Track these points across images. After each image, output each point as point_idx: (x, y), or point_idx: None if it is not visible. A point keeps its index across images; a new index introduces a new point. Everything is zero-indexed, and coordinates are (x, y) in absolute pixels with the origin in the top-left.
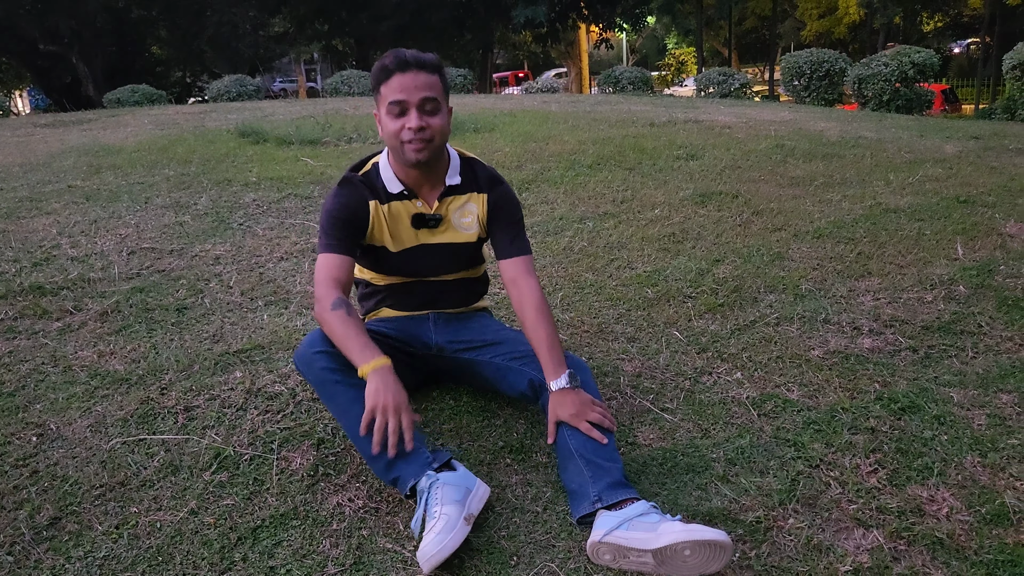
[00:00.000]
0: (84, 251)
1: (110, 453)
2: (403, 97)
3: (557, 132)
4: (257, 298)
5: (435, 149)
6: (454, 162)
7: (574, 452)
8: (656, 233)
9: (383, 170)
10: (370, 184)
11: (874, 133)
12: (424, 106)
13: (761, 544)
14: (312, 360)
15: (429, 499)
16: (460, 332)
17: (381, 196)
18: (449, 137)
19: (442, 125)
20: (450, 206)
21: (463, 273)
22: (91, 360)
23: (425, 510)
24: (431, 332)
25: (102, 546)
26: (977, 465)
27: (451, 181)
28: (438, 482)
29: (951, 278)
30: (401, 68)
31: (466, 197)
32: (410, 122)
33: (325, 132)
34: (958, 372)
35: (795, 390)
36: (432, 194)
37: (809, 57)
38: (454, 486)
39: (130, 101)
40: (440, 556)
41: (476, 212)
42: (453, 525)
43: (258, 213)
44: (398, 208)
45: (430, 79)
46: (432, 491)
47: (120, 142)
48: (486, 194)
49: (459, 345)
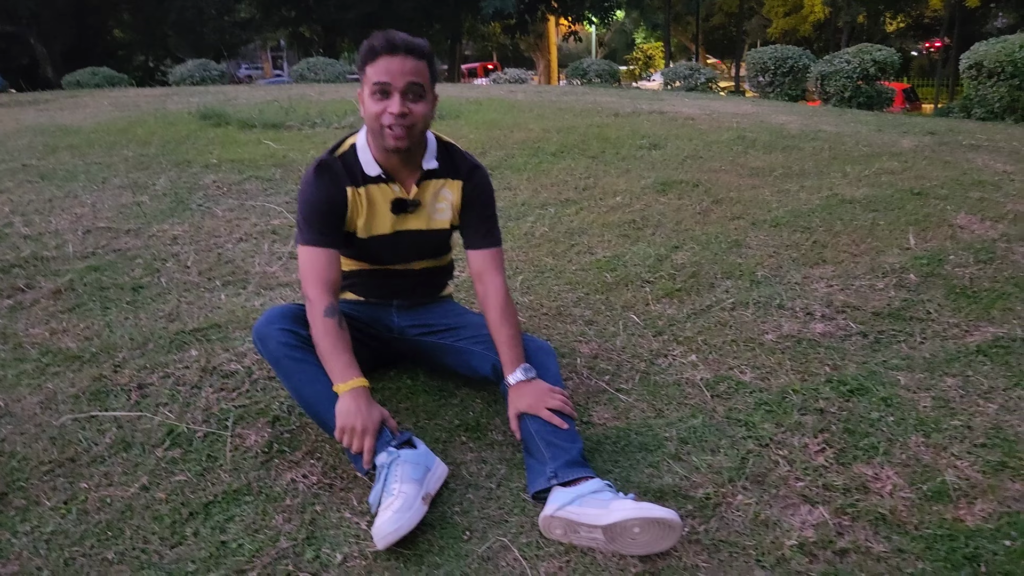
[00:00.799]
0: (37, 230)
1: (60, 430)
2: (387, 80)
3: (522, 120)
4: (215, 278)
5: (415, 137)
6: (431, 146)
7: (534, 434)
8: (617, 220)
9: (361, 152)
10: (347, 166)
11: (834, 127)
12: (408, 92)
13: (710, 519)
14: (269, 335)
15: (388, 475)
16: (422, 316)
17: (358, 179)
18: (430, 125)
19: (425, 112)
20: (427, 191)
21: (430, 262)
22: (43, 338)
23: (384, 486)
24: (394, 317)
25: (49, 521)
26: (921, 445)
27: (428, 165)
28: (399, 459)
29: (902, 267)
30: (389, 51)
31: (442, 182)
32: (392, 107)
33: (289, 116)
34: (906, 356)
35: (748, 372)
36: (410, 179)
37: (773, 53)
38: (414, 464)
39: (90, 84)
40: (396, 534)
41: (451, 199)
42: (411, 504)
43: (218, 194)
44: (375, 193)
45: (417, 65)
46: (392, 468)
47: (78, 123)
48: (462, 181)
49: (421, 329)
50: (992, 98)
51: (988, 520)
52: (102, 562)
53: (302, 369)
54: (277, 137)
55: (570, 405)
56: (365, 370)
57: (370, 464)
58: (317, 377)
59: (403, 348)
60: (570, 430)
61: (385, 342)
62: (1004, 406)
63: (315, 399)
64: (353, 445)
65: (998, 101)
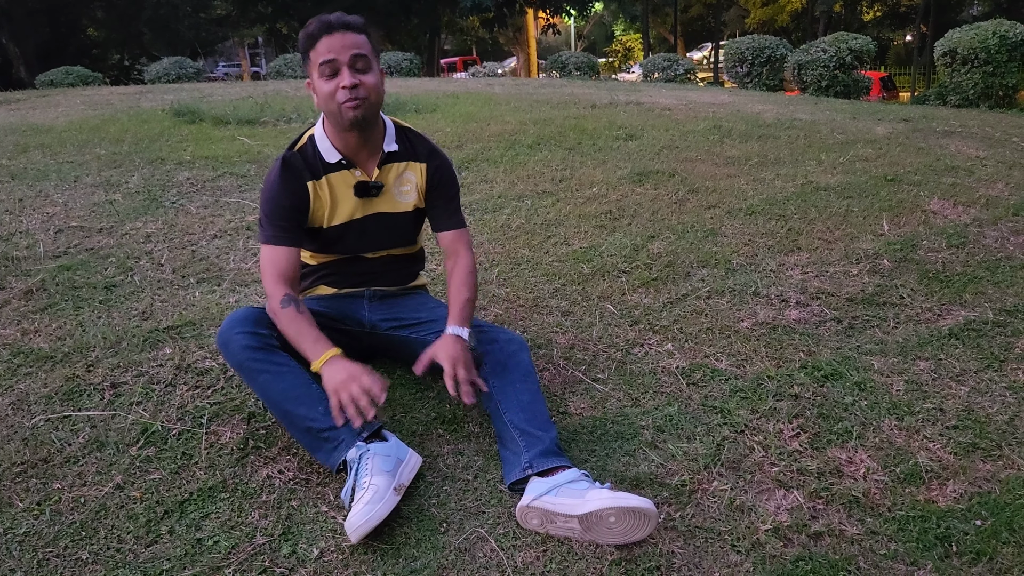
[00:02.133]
0: (8, 229)
1: (32, 430)
2: (333, 56)
3: (499, 113)
4: (189, 275)
5: (371, 107)
6: (390, 130)
7: (508, 424)
8: (593, 211)
9: (319, 140)
10: (306, 159)
11: (809, 115)
12: (355, 64)
13: (686, 506)
14: (231, 340)
15: (359, 469)
16: (394, 310)
17: (318, 170)
18: (383, 101)
19: (375, 83)
20: (389, 174)
21: (399, 249)
22: (14, 338)
23: (355, 481)
24: (365, 310)
25: (22, 522)
26: (894, 428)
27: (389, 148)
28: (368, 453)
29: (876, 252)
30: (327, 31)
31: (404, 165)
32: (343, 80)
33: (264, 112)
34: (879, 341)
35: (723, 360)
36: (370, 162)
37: (751, 43)
38: (384, 456)
39: (64, 83)
40: (367, 526)
41: (415, 181)
42: (382, 496)
43: (192, 191)
44: (336, 180)
45: (357, 38)
46: (362, 462)
47: (50, 122)
48: (425, 164)
49: (392, 323)
50: (966, 85)
51: (959, 501)
52: (76, 562)
53: (265, 369)
54: (252, 133)
55: (479, 385)
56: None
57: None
58: (281, 376)
59: (376, 343)
60: (543, 415)
61: (357, 337)
62: (976, 388)
63: (280, 397)
64: (353, 391)
65: (972, 88)
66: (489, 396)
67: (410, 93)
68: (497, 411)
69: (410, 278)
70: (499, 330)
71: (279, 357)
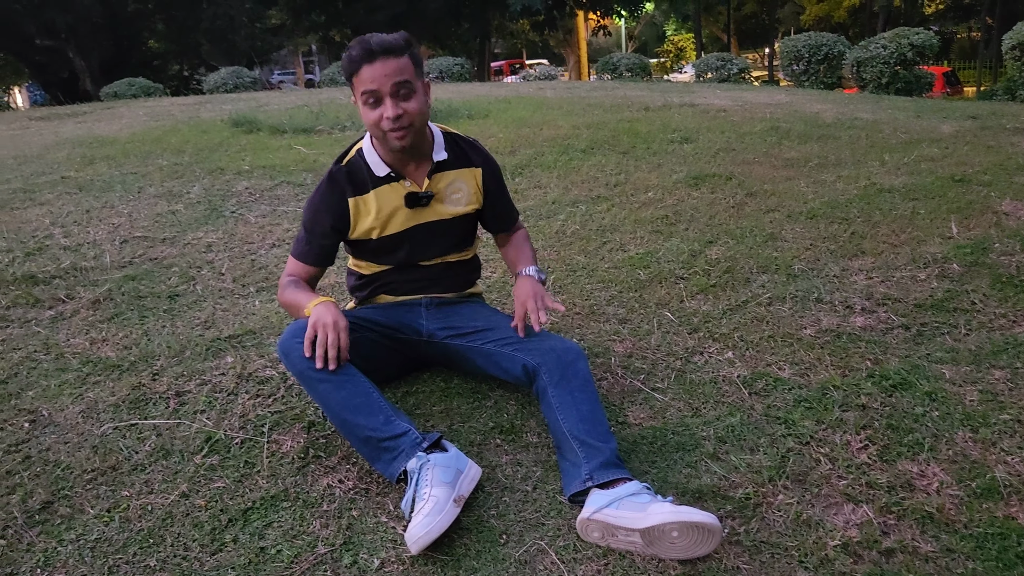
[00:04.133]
0: (77, 240)
1: (102, 438)
2: (375, 87)
3: (551, 117)
4: (249, 284)
5: (416, 133)
6: (438, 138)
7: (567, 434)
8: (649, 216)
9: (368, 154)
10: (353, 173)
11: (870, 114)
12: (398, 92)
13: (751, 520)
14: (291, 348)
15: (419, 480)
16: (451, 318)
17: (365, 184)
18: (429, 115)
19: (419, 107)
20: (440, 183)
21: (454, 255)
22: (83, 347)
23: (415, 491)
24: (423, 319)
25: (94, 529)
26: (968, 440)
27: (438, 157)
28: (428, 464)
29: (945, 256)
30: (368, 59)
31: (455, 173)
32: (387, 111)
33: (319, 120)
34: (950, 349)
35: (786, 368)
36: (420, 172)
37: (807, 41)
38: (444, 467)
39: (127, 94)
40: (428, 538)
41: (468, 187)
42: (442, 507)
43: (250, 201)
44: (386, 192)
45: (399, 63)
46: (422, 473)
47: (114, 134)
48: (480, 169)
49: (449, 332)
50: None
51: None
52: (145, 569)
53: (326, 378)
54: (307, 142)
55: (547, 310)
56: (396, 374)
57: (343, 359)
58: (341, 385)
59: (434, 352)
60: (602, 426)
61: (415, 346)
62: None
63: (340, 406)
64: (330, 336)
65: None
66: (548, 405)
67: (462, 99)
68: (556, 421)
69: (467, 285)
70: (556, 338)
71: (343, 368)
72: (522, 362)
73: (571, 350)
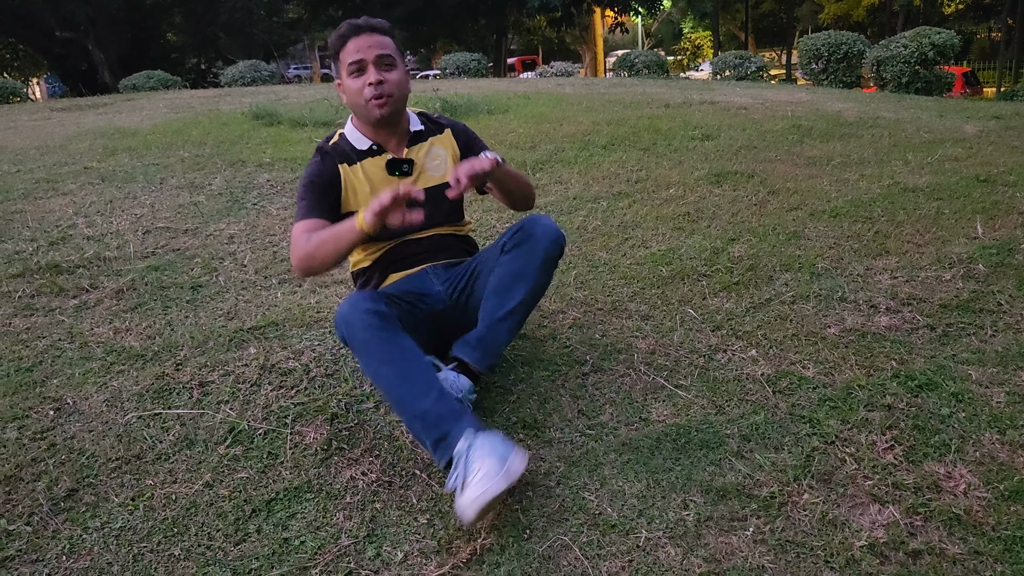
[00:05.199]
0: (100, 231)
1: (126, 427)
2: (360, 56)
3: (571, 113)
4: (271, 276)
5: (395, 103)
6: (413, 117)
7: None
8: (671, 212)
9: (349, 133)
10: (339, 150)
11: (893, 113)
12: (381, 63)
13: (776, 519)
14: (353, 319)
15: (469, 456)
16: (457, 272)
17: (351, 158)
18: (408, 94)
19: (399, 80)
20: (418, 152)
21: (447, 227)
22: (107, 336)
23: (465, 466)
24: (436, 284)
25: (118, 517)
26: (996, 442)
27: (414, 128)
28: (477, 441)
29: (970, 257)
30: (355, 32)
31: (429, 141)
32: (370, 77)
33: (338, 115)
34: (977, 350)
35: (811, 367)
36: (400, 146)
37: (827, 39)
38: (493, 445)
39: (145, 87)
40: (484, 498)
41: (445, 151)
42: (495, 474)
43: (272, 193)
44: (370, 165)
45: (383, 39)
46: (472, 448)
47: (135, 125)
48: (449, 128)
49: (461, 283)
50: None
51: None
52: (169, 558)
53: (386, 351)
54: (327, 135)
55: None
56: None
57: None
58: (399, 362)
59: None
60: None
61: (442, 315)
62: None
63: (396, 381)
64: (397, 193)
65: None
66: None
67: (481, 94)
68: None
69: (466, 256)
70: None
71: (402, 340)
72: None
73: (542, 225)
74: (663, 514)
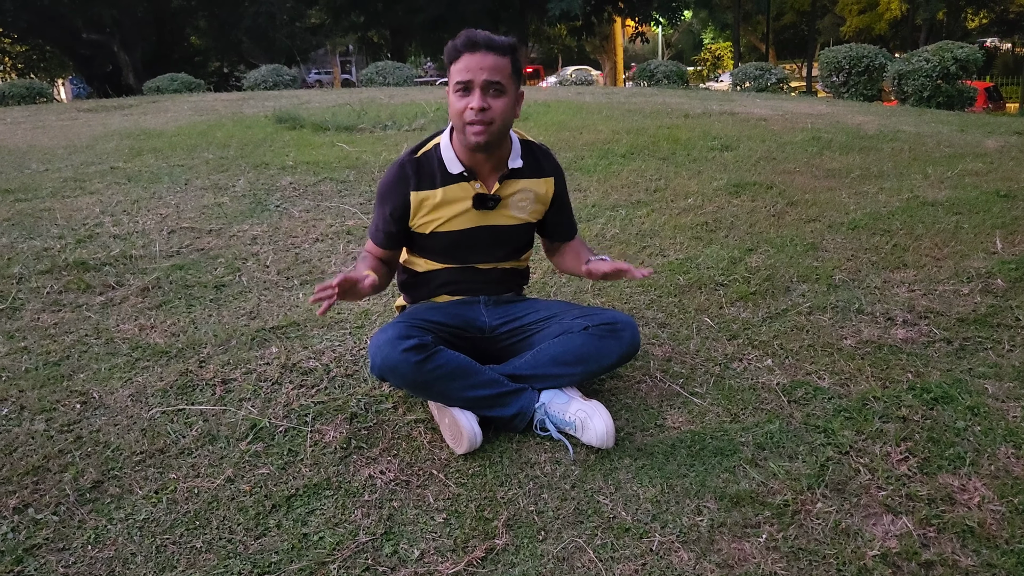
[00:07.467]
0: (126, 229)
1: (150, 422)
2: (468, 77)
3: (591, 122)
4: (293, 277)
5: (495, 134)
6: (516, 146)
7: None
8: (689, 222)
9: (444, 150)
10: (423, 167)
11: (913, 127)
12: (488, 88)
13: (789, 527)
14: (399, 364)
15: (550, 416)
16: (511, 310)
17: (435, 179)
18: (513, 124)
19: (504, 109)
20: (509, 189)
21: (510, 263)
22: (132, 333)
23: (560, 418)
24: (483, 316)
25: (142, 509)
26: (1011, 456)
27: (513, 164)
28: (545, 406)
29: (989, 271)
30: (470, 49)
31: (526, 182)
32: (473, 102)
33: (361, 119)
34: (993, 364)
35: (826, 378)
36: (492, 176)
37: (848, 52)
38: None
39: (169, 89)
40: (612, 427)
41: (533, 197)
42: (596, 410)
43: (294, 196)
44: (455, 190)
45: (499, 61)
46: (549, 412)
47: (161, 127)
48: (553, 178)
49: (513, 324)
50: None
51: None
52: (191, 550)
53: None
54: (350, 140)
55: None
56: None
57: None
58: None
59: (499, 349)
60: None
61: (479, 344)
62: None
63: (461, 390)
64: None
65: None
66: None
67: None
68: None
69: (518, 291)
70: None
71: (442, 357)
72: (585, 324)
73: (632, 332)
74: (677, 519)
